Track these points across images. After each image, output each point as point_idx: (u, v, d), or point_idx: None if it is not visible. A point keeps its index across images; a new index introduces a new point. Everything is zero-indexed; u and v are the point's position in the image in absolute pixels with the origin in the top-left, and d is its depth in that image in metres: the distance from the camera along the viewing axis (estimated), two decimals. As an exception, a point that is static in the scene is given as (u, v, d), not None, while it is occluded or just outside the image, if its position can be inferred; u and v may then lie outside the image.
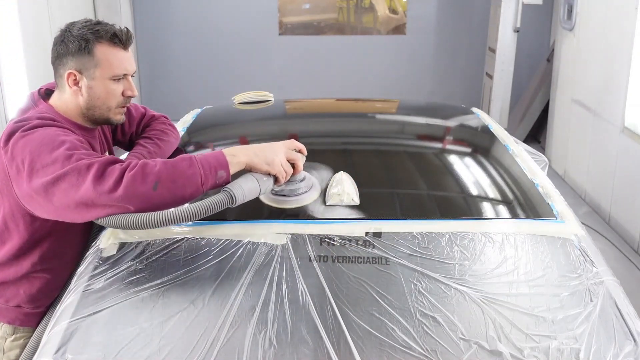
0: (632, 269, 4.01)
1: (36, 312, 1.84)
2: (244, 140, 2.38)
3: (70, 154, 1.51)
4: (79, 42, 1.65)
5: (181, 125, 2.42)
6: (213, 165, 1.51)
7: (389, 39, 7.47)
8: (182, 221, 1.47)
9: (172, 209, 1.46)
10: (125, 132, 2.02)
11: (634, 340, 1.37)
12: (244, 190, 1.53)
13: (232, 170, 1.55)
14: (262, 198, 1.70)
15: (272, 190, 1.68)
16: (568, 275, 1.51)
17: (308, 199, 1.71)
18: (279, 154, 1.60)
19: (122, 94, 1.73)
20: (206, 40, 7.36)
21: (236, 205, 1.52)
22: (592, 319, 1.40)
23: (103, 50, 1.67)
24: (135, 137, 2.03)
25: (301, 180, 1.71)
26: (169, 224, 1.47)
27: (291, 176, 1.66)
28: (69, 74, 1.68)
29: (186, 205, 1.49)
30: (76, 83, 1.69)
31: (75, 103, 1.72)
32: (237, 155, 1.56)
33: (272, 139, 2.14)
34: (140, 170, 1.45)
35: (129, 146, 2.05)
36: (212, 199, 1.50)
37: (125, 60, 1.71)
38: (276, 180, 1.62)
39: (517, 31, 6.34)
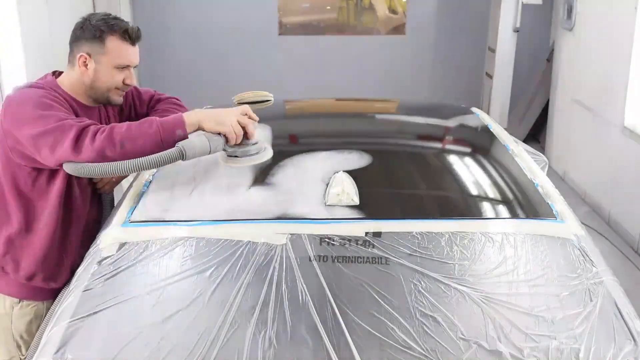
0: (632, 269, 4.01)
1: (46, 287, 1.95)
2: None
3: (53, 115, 1.73)
4: (95, 31, 1.89)
5: (181, 125, 2.42)
6: (172, 124, 1.74)
7: (389, 39, 7.47)
8: (135, 170, 1.69)
9: (127, 160, 1.68)
10: (138, 113, 2.19)
11: (634, 340, 1.37)
12: (195, 146, 1.69)
13: (189, 130, 1.74)
14: (219, 159, 1.85)
15: (225, 150, 1.80)
16: (568, 275, 1.51)
17: (258, 159, 1.83)
18: (230, 116, 1.78)
19: (123, 82, 1.96)
20: (206, 40, 7.35)
21: (187, 159, 1.68)
22: (592, 318, 1.40)
23: (113, 42, 1.90)
24: None
25: (253, 144, 1.83)
26: (123, 173, 1.70)
27: (243, 140, 1.80)
28: (81, 56, 1.90)
29: (140, 158, 1.67)
30: (85, 64, 1.90)
31: (82, 82, 1.93)
32: (191, 116, 1.77)
33: (273, 138, 2.14)
34: (109, 132, 1.70)
35: None
36: (164, 152, 1.68)
37: (131, 53, 1.96)
38: (227, 140, 1.76)
39: (517, 31, 6.34)
